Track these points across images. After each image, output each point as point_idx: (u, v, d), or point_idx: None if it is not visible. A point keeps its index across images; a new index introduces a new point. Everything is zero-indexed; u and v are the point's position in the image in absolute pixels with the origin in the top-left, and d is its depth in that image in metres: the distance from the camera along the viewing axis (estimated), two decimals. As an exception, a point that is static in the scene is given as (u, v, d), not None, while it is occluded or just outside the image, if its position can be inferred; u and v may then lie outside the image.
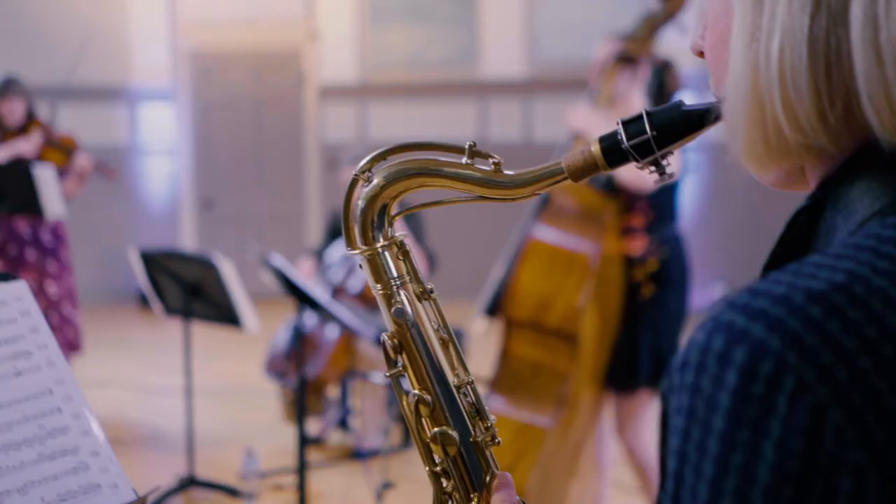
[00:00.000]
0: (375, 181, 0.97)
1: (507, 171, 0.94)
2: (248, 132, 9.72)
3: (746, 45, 0.70)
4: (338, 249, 5.26)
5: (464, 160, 0.95)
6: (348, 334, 4.98)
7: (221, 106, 9.72)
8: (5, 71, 5.69)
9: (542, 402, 3.29)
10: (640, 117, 0.88)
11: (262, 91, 9.66)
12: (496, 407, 3.30)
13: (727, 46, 0.74)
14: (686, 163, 3.69)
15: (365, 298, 5.03)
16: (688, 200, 8.15)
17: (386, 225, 0.98)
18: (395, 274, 0.98)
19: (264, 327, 5.24)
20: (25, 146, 5.33)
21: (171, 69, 9.66)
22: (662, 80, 3.71)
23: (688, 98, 0.93)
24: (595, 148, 0.90)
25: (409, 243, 1.01)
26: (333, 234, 5.44)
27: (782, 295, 0.61)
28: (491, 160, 0.94)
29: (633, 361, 3.50)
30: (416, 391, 0.98)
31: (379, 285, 0.98)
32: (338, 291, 5.10)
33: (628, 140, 0.88)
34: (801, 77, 0.68)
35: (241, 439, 5.29)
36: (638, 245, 3.52)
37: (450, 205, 1.00)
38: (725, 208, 8.34)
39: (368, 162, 0.98)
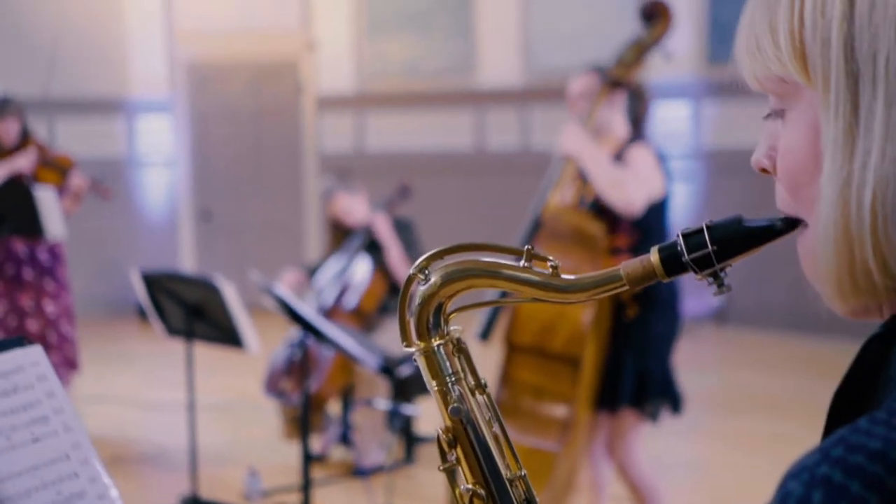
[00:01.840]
0: (433, 280, 0.98)
1: (564, 276, 0.96)
2: (245, 143, 9.73)
3: (838, 191, 0.73)
4: (329, 271, 5.26)
5: (521, 263, 0.96)
6: (347, 350, 5.00)
7: (219, 116, 9.73)
8: (1, 87, 5.70)
9: (547, 427, 3.30)
10: (700, 230, 0.90)
11: (260, 101, 9.67)
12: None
13: (809, 182, 0.77)
14: (671, 172, 3.71)
15: (360, 314, 5.04)
16: (682, 208, 8.17)
17: (442, 323, 1.00)
18: (450, 370, 1.00)
19: (265, 340, 5.24)
20: (23, 162, 5.34)
21: (168, 80, 9.66)
22: (634, 105, 3.73)
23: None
24: (654, 258, 0.91)
25: (460, 331, 1.02)
26: (325, 258, 5.45)
27: (878, 451, 0.63)
28: (549, 263, 0.96)
29: (616, 382, 3.51)
30: (471, 486, 1.00)
31: (434, 382, 1.00)
32: (334, 308, 5.11)
33: (689, 253, 0.89)
34: (894, 227, 0.71)
35: (243, 456, 5.30)
36: None
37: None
38: (720, 214, 8.33)
39: (426, 260, 1.00)
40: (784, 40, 0.78)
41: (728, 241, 0.89)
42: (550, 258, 0.96)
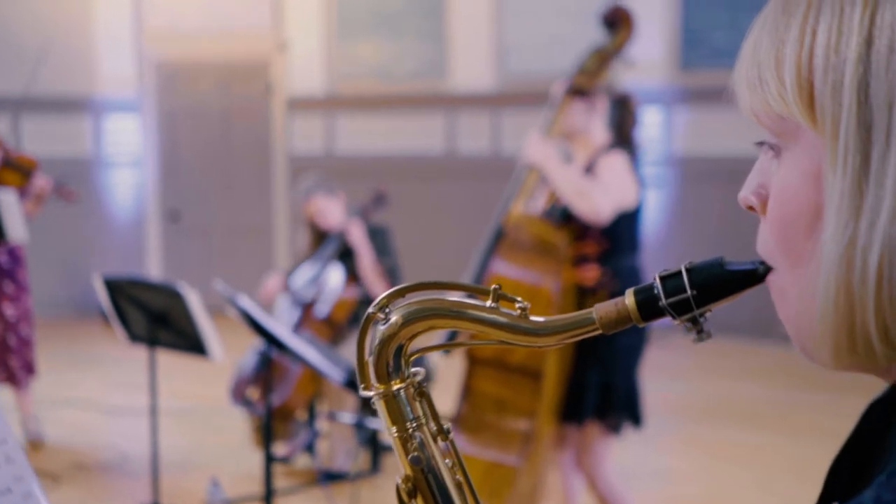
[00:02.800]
0: (393, 319, 0.92)
1: (533, 318, 0.90)
2: (214, 143, 9.64)
3: (842, 250, 0.67)
4: (304, 274, 5.21)
5: (488, 303, 0.91)
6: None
7: (188, 117, 9.63)
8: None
9: (508, 440, 3.26)
10: (679, 273, 0.83)
11: (230, 102, 9.58)
12: (461, 447, 3.27)
13: (804, 234, 0.71)
14: (645, 178, 3.70)
15: (332, 324, 4.98)
16: (656, 214, 8.17)
17: (403, 365, 0.94)
18: (411, 416, 0.94)
19: (233, 345, 5.17)
20: None
21: (136, 79, 9.55)
22: (620, 114, 3.71)
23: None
24: (629, 301, 0.85)
25: (421, 374, 0.96)
26: (300, 261, 5.39)
27: None
28: (517, 305, 0.90)
29: (580, 395, 3.49)
30: None
31: (394, 427, 0.94)
32: (306, 314, 5.05)
33: (666, 297, 0.83)
34: None
35: (206, 463, 5.23)
36: (590, 275, 3.51)
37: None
38: (692, 221, 8.36)
39: (386, 298, 0.94)
40: (790, 76, 0.71)
41: (708, 285, 0.83)
42: (519, 299, 0.90)
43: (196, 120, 9.61)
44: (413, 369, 0.95)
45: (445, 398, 3.58)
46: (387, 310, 0.93)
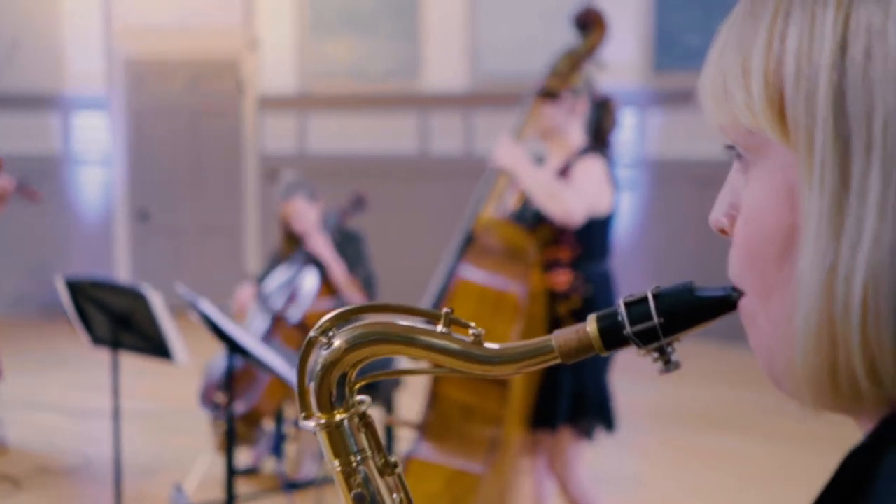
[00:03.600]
0: (336, 344, 0.85)
1: (488, 345, 0.84)
2: (184, 142, 9.54)
3: (822, 279, 0.60)
4: (277, 278, 5.12)
5: (439, 328, 0.84)
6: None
7: (157, 115, 9.52)
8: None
9: (473, 447, 3.21)
10: (644, 299, 0.77)
11: (200, 100, 9.48)
12: (426, 455, 3.22)
13: (775, 258, 0.64)
14: (620, 181, 3.67)
15: (304, 329, 4.89)
16: (628, 217, 8.15)
17: (346, 394, 0.87)
18: (355, 448, 0.87)
19: (202, 347, 5.09)
20: None
21: (105, 76, 9.44)
22: (600, 116, 3.68)
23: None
24: (591, 328, 0.79)
25: (367, 403, 0.89)
26: (274, 262, 5.31)
27: None
28: (471, 331, 0.84)
29: (552, 401, 3.45)
30: None
31: (337, 461, 0.87)
32: (278, 320, 4.96)
33: (631, 325, 0.77)
34: (888, 325, 0.59)
35: (172, 467, 5.15)
36: (562, 280, 3.48)
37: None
38: (664, 223, 8.35)
39: (329, 321, 0.87)
40: (758, 86, 0.64)
41: (677, 312, 0.76)
42: (472, 325, 0.84)
43: (166, 118, 9.50)
44: (358, 398, 0.89)
45: (412, 403, 3.53)
46: (330, 333, 0.86)
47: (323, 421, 0.86)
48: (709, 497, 4.91)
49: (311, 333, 0.87)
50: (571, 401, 3.46)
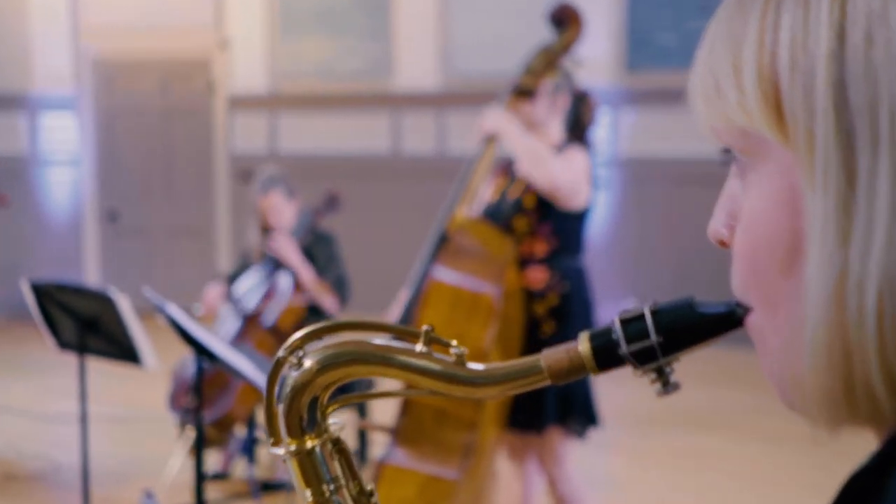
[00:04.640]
0: (307, 365, 0.79)
1: (471, 366, 0.78)
2: (154, 142, 9.44)
3: (831, 287, 0.56)
4: (248, 280, 5.05)
5: (419, 347, 0.78)
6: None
7: (127, 115, 9.42)
8: None
9: (447, 453, 3.17)
10: (641, 316, 0.71)
11: (170, 100, 9.38)
12: (399, 460, 3.17)
13: (779, 269, 0.60)
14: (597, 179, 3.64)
15: (277, 332, 4.82)
16: (600, 215, 8.13)
17: (318, 419, 0.80)
18: (328, 476, 0.80)
19: (171, 350, 5.01)
20: None
21: (73, 76, 9.33)
22: (578, 111, 3.65)
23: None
24: (584, 347, 0.73)
25: (341, 427, 0.83)
26: (245, 260, 5.23)
27: None
28: (452, 350, 0.78)
29: (537, 402, 3.42)
30: None
31: (308, 491, 0.80)
32: (250, 322, 4.88)
33: (627, 344, 0.71)
34: None
35: (142, 473, 5.08)
36: (539, 278, 3.44)
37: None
38: (638, 223, 8.34)
39: (300, 339, 0.80)
40: (751, 83, 0.59)
41: (677, 330, 0.71)
42: (454, 344, 0.78)
43: (135, 118, 9.40)
44: (331, 421, 0.82)
45: (386, 408, 3.48)
46: (300, 353, 0.80)
47: (293, 448, 0.80)
48: (697, 498, 4.90)
49: (280, 353, 0.81)
50: (558, 402, 3.43)
